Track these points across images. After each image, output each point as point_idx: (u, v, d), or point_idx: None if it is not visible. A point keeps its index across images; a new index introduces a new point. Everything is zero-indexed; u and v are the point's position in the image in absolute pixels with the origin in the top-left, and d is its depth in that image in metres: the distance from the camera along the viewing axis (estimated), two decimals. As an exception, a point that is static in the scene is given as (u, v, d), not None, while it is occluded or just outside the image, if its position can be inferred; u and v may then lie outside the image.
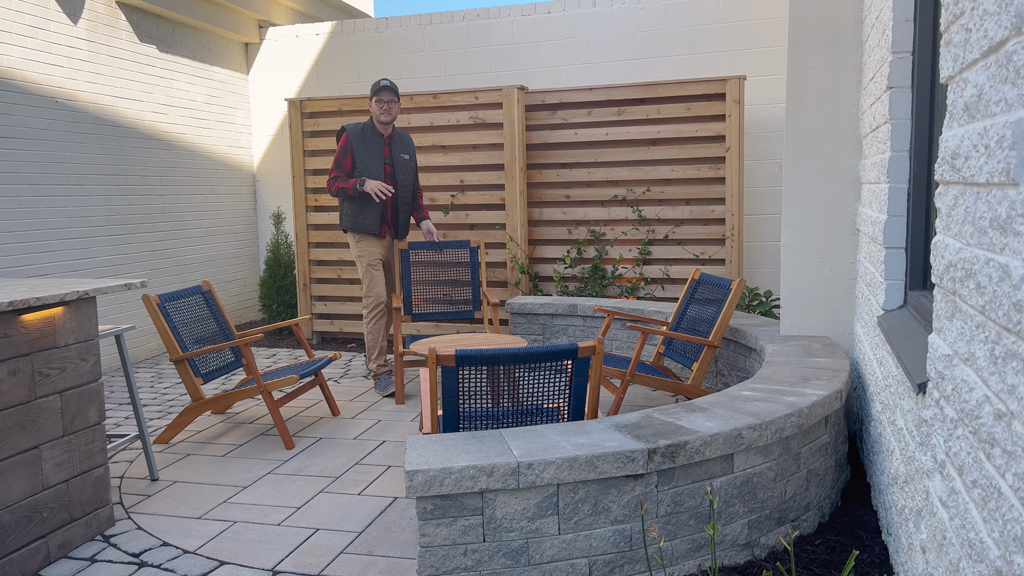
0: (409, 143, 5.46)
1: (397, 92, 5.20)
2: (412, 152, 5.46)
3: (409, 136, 5.52)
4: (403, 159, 5.37)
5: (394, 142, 5.34)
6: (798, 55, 3.99)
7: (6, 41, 5.24)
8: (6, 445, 2.76)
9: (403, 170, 5.37)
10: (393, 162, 5.32)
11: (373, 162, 5.24)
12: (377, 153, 5.26)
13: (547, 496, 2.39)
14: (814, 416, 2.85)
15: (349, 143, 5.23)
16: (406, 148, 5.42)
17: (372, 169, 5.23)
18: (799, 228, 4.10)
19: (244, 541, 3.07)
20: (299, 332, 4.81)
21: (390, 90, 5.15)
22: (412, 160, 5.44)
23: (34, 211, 5.46)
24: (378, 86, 5.15)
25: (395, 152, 5.33)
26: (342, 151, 5.24)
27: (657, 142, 6.22)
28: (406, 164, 5.39)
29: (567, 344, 2.68)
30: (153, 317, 4.19)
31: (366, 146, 5.25)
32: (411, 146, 5.47)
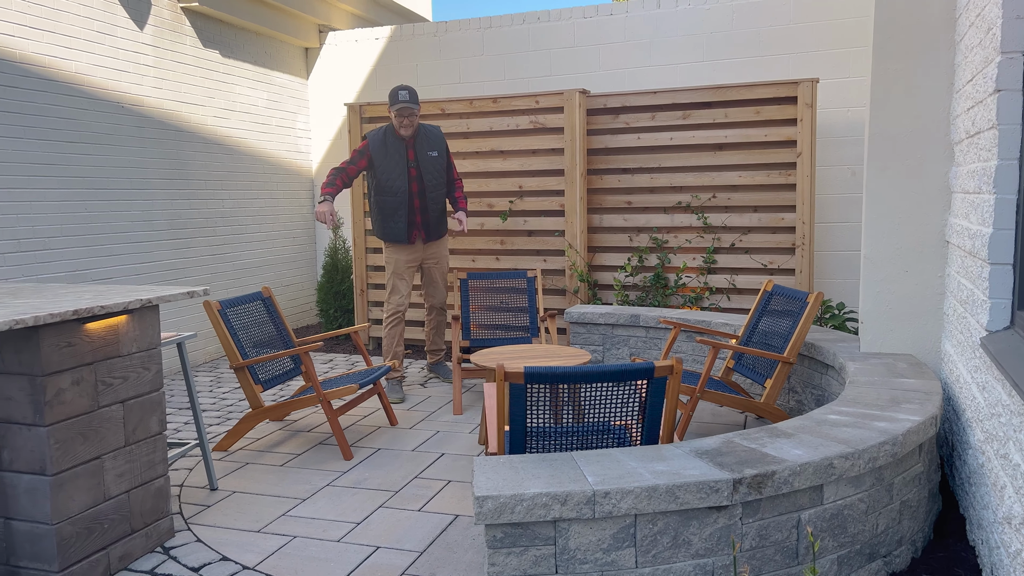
0: (436, 138, 5.30)
1: (416, 100, 5.07)
2: (441, 147, 5.29)
3: (437, 130, 5.35)
4: (430, 156, 5.23)
5: (419, 142, 5.21)
6: (883, 57, 3.77)
7: (74, 47, 5.30)
8: (69, 456, 2.72)
9: (431, 169, 5.24)
10: (419, 163, 5.20)
11: (396, 167, 5.16)
12: (400, 157, 5.15)
13: (624, 527, 2.24)
14: (909, 444, 2.65)
15: (368, 148, 5.18)
16: (433, 144, 5.26)
17: (395, 175, 5.16)
18: (882, 239, 3.87)
19: (304, 558, 2.99)
20: (358, 340, 4.74)
21: (408, 105, 5.00)
22: (442, 156, 5.28)
23: (99, 215, 5.52)
24: (396, 98, 5.01)
25: (420, 152, 5.20)
26: (359, 152, 5.20)
27: (724, 147, 6.01)
28: (434, 161, 5.25)
29: (643, 363, 2.53)
30: (214, 323, 4.16)
31: (387, 152, 5.15)
32: (439, 141, 5.30)
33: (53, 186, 5.16)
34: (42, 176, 5.08)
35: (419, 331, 6.85)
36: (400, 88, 5.03)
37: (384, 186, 5.20)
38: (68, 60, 5.25)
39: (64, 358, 2.70)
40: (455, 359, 5.00)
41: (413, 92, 5.08)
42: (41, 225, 5.07)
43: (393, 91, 5.04)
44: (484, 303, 5.48)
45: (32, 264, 5.00)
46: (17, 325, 2.44)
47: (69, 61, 5.26)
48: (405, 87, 5.05)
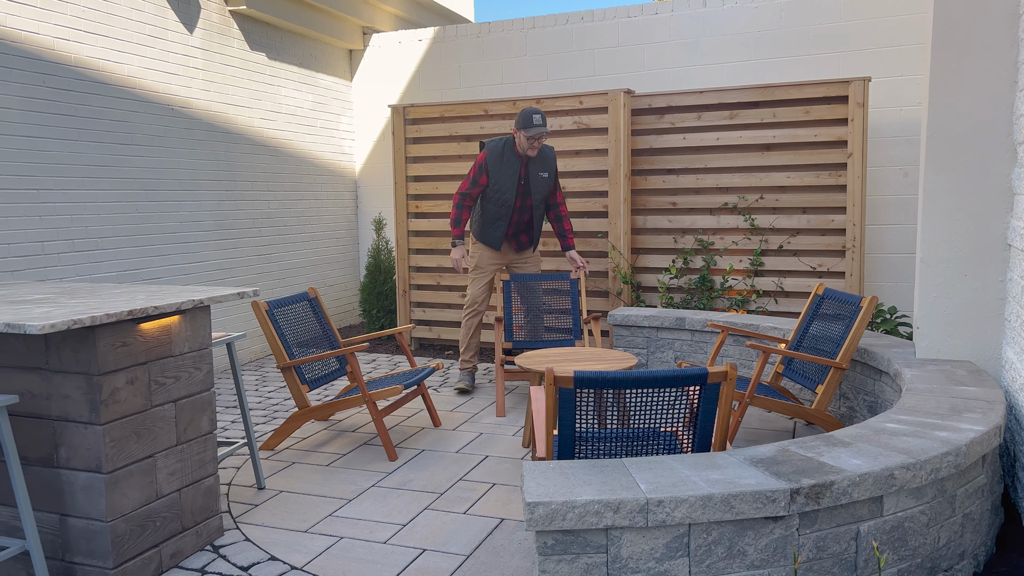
0: (549, 159, 5.37)
1: (546, 123, 5.12)
2: (551, 168, 5.37)
3: (551, 151, 5.40)
4: (540, 177, 5.33)
5: (532, 161, 5.30)
6: (942, 54, 3.66)
7: (127, 51, 5.40)
8: (123, 454, 2.76)
9: (539, 189, 5.34)
10: (528, 181, 5.31)
11: (507, 182, 5.26)
12: (513, 173, 5.25)
13: (677, 536, 2.20)
14: (972, 455, 2.56)
15: (486, 163, 5.24)
16: (545, 165, 5.34)
17: (506, 189, 5.26)
18: (940, 242, 3.76)
19: (350, 559, 3.00)
20: (402, 340, 4.75)
21: (542, 130, 5.07)
22: (550, 177, 5.37)
23: (149, 216, 5.61)
24: (531, 123, 5.06)
25: (532, 172, 5.30)
26: (479, 169, 5.26)
27: (772, 147, 5.91)
28: (543, 183, 5.35)
29: (696, 369, 2.48)
30: (262, 324, 4.20)
31: (503, 166, 5.24)
32: (551, 162, 5.38)
33: (105, 187, 5.26)
34: (95, 178, 5.18)
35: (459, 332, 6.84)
36: (534, 112, 5.07)
37: (492, 196, 5.31)
38: (121, 64, 5.35)
39: (119, 358, 2.73)
40: (497, 361, 4.99)
41: (544, 116, 5.13)
42: (94, 226, 5.17)
43: (526, 113, 5.07)
44: (527, 305, 5.46)
45: (85, 264, 5.11)
46: (75, 325, 2.47)
47: (122, 64, 5.36)
48: (539, 111, 5.08)
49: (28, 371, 2.74)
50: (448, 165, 6.71)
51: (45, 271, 4.85)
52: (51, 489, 2.77)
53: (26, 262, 4.73)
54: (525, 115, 5.08)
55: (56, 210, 4.92)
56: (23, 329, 2.39)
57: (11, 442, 2.52)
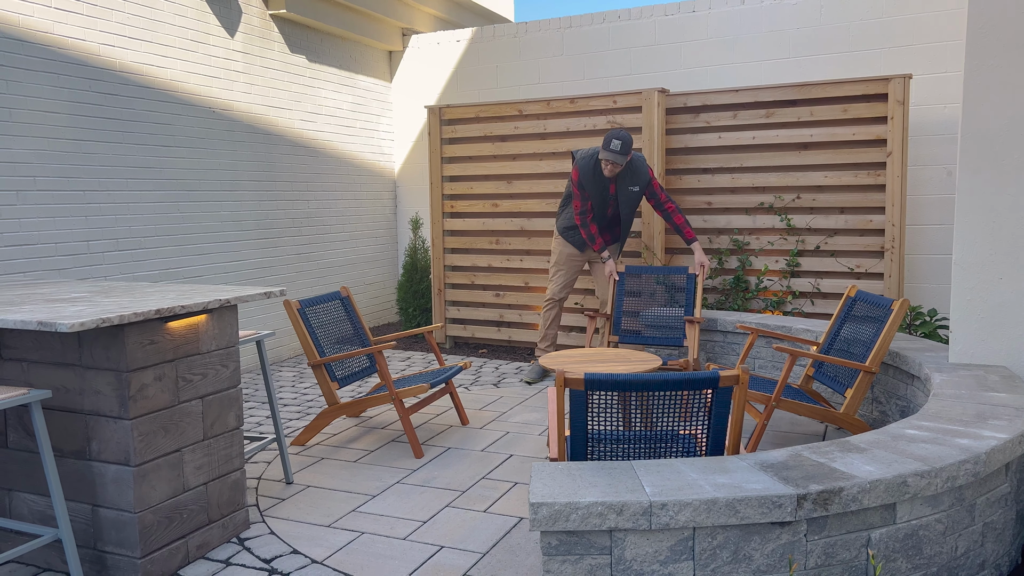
0: (639, 172, 5.44)
1: (626, 152, 5.17)
2: (642, 181, 5.44)
3: (642, 161, 5.45)
4: (630, 192, 5.43)
5: (622, 175, 5.40)
6: (977, 51, 3.57)
7: (169, 56, 5.56)
8: (151, 448, 2.86)
9: (628, 202, 5.47)
10: (618, 198, 5.45)
11: (598, 197, 5.43)
12: (603, 188, 5.41)
13: (682, 539, 2.20)
14: (993, 463, 2.50)
15: (581, 182, 5.39)
16: (635, 179, 5.43)
17: (597, 203, 5.44)
18: (974, 244, 3.67)
19: (370, 554, 3.06)
20: (431, 339, 4.81)
21: (615, 154, 5.16)
22: (640, 189, 5.44)
23: (191, 216, 5.78)
24: (608, 146, 5.17)
25: (622, 188, 5.42)
26: (579, 186, 5.41)
27: (809, 146, 5.82)
28: (633, 196, 5.46)
29: (707, 372, 2.48)
30: (293, 322, 4.30)
31: (595, 181, 5.40)
32: (642, 175, 5.44)
33: (148, 188, 5.43)
34: (139, 179, 5.36)
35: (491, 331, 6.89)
36: (615, 136, 5.17)
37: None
38: (164, 68, 5.52)
39: (147, 355, 2.84)
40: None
41: (627, 143, 5.17)
42: (137, 225, 5.35)
43: (609, 136, 5.19)
44: (639, 299, 5.44)
45: (128, 263, 5.28)
46: (104, 323, 2.58)
47: (165, 69, 5.53)
48: (620, 135, 5.17)
49: (63, 367, 2.86)
50: (483, 165, 6.76)
51: (90, 269, 5.03)
52: (84, 481, 2.89)
53: (72, 260, 4.91)
54: (607, 137, 5.21)
55: (101, 210, 5.09)
56: (55, 327, 2.49)
57: (45, 435, 2.64)
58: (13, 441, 2.99)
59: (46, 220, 4.75)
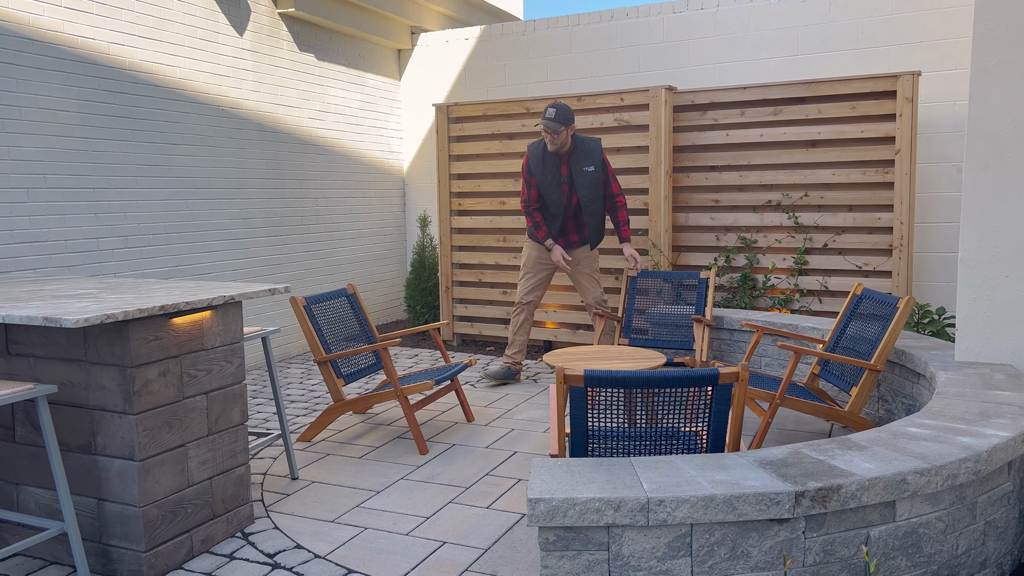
0: (592, 152, 5.29)
1: (561, 119, 5.07)
2: (597, 161, 5.28)
3: (595, 143, 5.32)
4: (585, 172, 5.26)
5: (573, 156, 5.26)
6: (984, 48, 3.55)
7: (179, 54, 5.60)
8: (156, 442, 2.89)
9: (585, 184, 5.28)
10: (572, 179, 5.29)
11: (551, 183, 5.29)
12: (555, 173, 5.28)
13: (679, 536, 2.21)
14: (995, 461, 2.49)
15: (530, 164, 5.30)
16: (589, 158, 5.27)
17: (550, 191, 5.29)
18: (981, 242, 3.65)
19: (372, 550, 3.08)
20: (436, 337, 4.83)
21: (549, 122, 5.08)
22: (596, 169, 5.28)
23: (200, 213, 5.82)
24: (544, 115, 5.12)
25: (575, 167, 5.26)
26: (527, 171, 5.34)
27: (817, 144, 5.80)
28: (589, 176, 5.27)
29: (707, 369, 2.48)
30: (300, 319, 4.32)
31: (544, 167, 5.27)
32: (595, 154, 5.28)
33: (158, 186, 5.47)
34: (148, 177, 5.40)
35: (498, 329, 6.90)
36: (551, 105, 5.12)
37: (542, 197, 5.38)
38: (173, 67, 5.56)
39: (152, 351, 2.86)
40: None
41: (561, 111, 5.07)
42: (146, 223, 5.39)
43: (546, 108, 5.15)
44: (650, 302, 5.43)
45: (137, 260, 5.32)
46: (108, 319, 2.60)
47: (174, 68, 5.57)
48: (556, 104, 5.09)
49: (69, 362, 2.90)
50: (490, 163, 6.77)
51: (100, 267, 5.07)
52: (89, 475, 2.92)
53: (82, 258, 4.95)
54: (545, 109, 5.14)
55: (111, 208, 5.14)
56: (60, 323, 2.52)
57: (51, 429, 2.67)
58: (20, 435, 3.03)
59: (56, 217, 4.80)
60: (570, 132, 5.19)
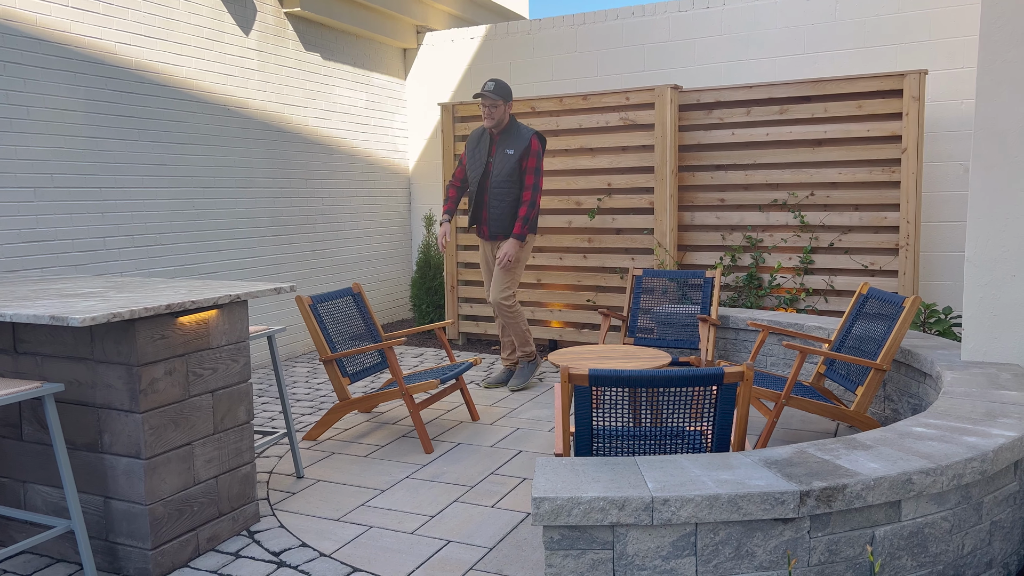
0: (520, 138, 5.17)
1: (502, 94, 5.09)
2: (520, 147, 5.14)
3: (528, 131, 5.20)
4: (505, 154, 5.19)
5: (502, 139, 5.24)
6: (991, 46, 3.54)
7: (185, 54, 5.62)
8: (161, 441, 2.90)
9: (500, 166, 5.19)
10: (495, 158, 5.26)
11: (478, 160, 5.33)
12: (484, 151, 5.30)
13: (684, 535, 2.21)
14: (1001, 461, 2.48)
15: (468, 143, 5.40)
16: (513, 143, 5.18)
17: (475, 167, 5.33)
18: (988, 241, 3.64)
19: (377, 548, 3.09)
20: (441, 336, 4.83)
21: (483, 95, 5.10)
22: (516, 154, 5.14)
23: (205, 212, 5.83)
24: (483, 88, 5.16)
25: (500, 148, 5.25)
26: (467, 146, 5.41)
27: (823, 143, 5.78)
28: (506, 159, 5.16)
29: (712, 369, 2.48)
30: (305, 318, 4.33)
31: (478, 145, 5.33)
32: (520, 140, 5.16)
33: (164, 185, 5.49)
34: (154, 176, 5.41)
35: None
36: (489, 80, 5.21)
37: (467, 175, 5.44)
38: (179, 66, 5.57)
39: (158, 349, 2.87)
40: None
41: (500, 85, 5.11)
42: (152, 222, 5.41)
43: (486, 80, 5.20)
44: (655, 301, 5.42)
45: (144, 259, 5.34)
46: (115, 318, 2.61)
47: (180, 67, 5.58)
48: (495, 79, 5.15)
49: (76, 361, 2.91)
50: (496, 162, 6.77)
51: (106, 265, 5.09)
52: (96, 473, 2.93)
53: (89, 257, 4.97)
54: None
55: (117, 207, 5.16)
56: (66, 321, 2.54)
57: (58, 428, 2.68)
58: (28, 434, 3.04)
59: (63, 217, 4.82)
60: (508, 109, 5.17)
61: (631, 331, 5.42)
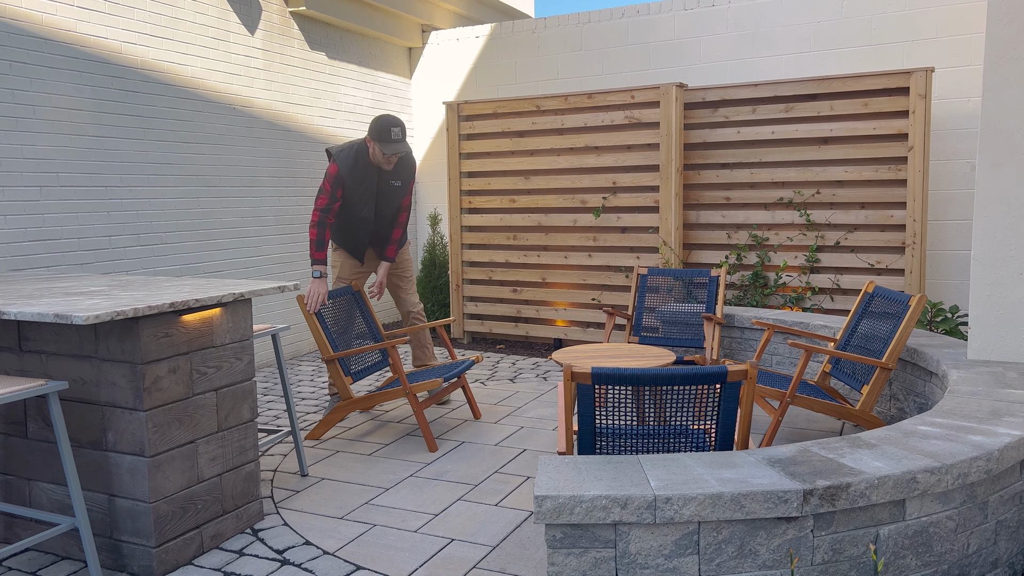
0: (407, 167, 4.87)
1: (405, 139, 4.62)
2: (406, 176, 4.85)
3: (408, 156, 4.89)
4: (392, 186, 4.80)
5: (390, 171, 4.80)
6: (997, 43, 3.51)
7: (190, 53, 5.63)
8: (165, 439, 2.90)
9: (387, 198, 4.82)
10: (380, 191, 4.80)
11: (364, 194, 4.73)
12: (370, 184, 4.73)
13: (686, 534, 2.20)
14: (1006, 460, 2.47)
15: (340, 175, 4.63)
16: (398, 173, 4.82)
17: (361, 203, 4.74)
18: (994, 239, 3.62)
19: (381, 546, 3.09)
20: (443, 334, 4.83)
21: (401, 149, 4.57)
22: (403, 186, 4.86)
23: (211, 211, 5.84)
24: (388, 137, 4.53)
25: (384, 180, 4.78)
26: (334, 182, 4.62)
27: (829, 141, 5.76)
28: (394, 191, 4.83)
29: (715, 367, 2.47)
30: (307, 317, 4.34)
31: (357, 178, 4.69)
32: (408, 170, 4.87)
33: (170, 184, 5.50)
34: (160, 175, 5.43)
35: (507, 326, 6.90)
36: (393, 124, 4.54)
37: (347, 209, 4.78)
38: (185, 65, 5.58)
39: (161, 347, 2.88)
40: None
41: (404, 127, 4.62)
42: (158, 221, 5.42)
43: (384, 125, 4.52)
44: (660, 300, 5.41)
45: (149, 257, 5.36)
46: (118, 316, 2.62)
47: (186, 66, 5.59)
48: (399, 123, 4.57)
49: (81, 359, 2.92)
50: (500, 161, 6.77)
51: (112, 264, 5.10)
52: (100, 471, 2.94)
53: (95, 255, 4.99)
54: (383, 126, 4.51)
55: (123, 206, 5.17)
56: (70, 320, 2.54)
57: (62, 425, 2.69)
58: (33, 432, 3.05)
59: (69, 215, 4.83)
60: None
61: (636, 330, 5.41)
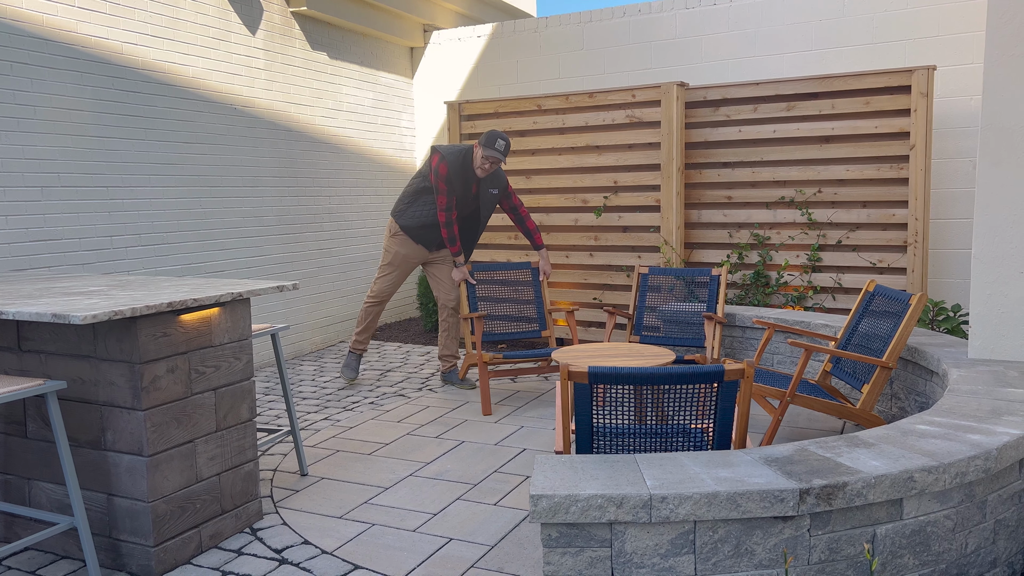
0: (499, 175, 5.46)
1: (508, 151, 5.21)
2: (501, 185, 5.46)
3: (502, 171, 5.50)
4: (490, 194, 5.43)
5: (486, 178, 5.39)
6: (998, 41, 3.50)
7: (192, 53, 5.64)
8: (164, 438, 2.91)
9: (487, 205, 5.46)
10: (480, 199, 5.41)
11: (462, 197, 5.33)
12: (467, 189, 5.32)
13: (682, 533, 2.20)
14: (1005, 459, 2.46)
15: (450, 174, 5.21)
16: (495, 182, 5.43)
17: (459, 203, 5.33)
18: (995, 238, 3.60)
19: (379, 546, 3.09)
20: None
21: (499, 158, 5.15)
22: (500, 193, 5.47)
23: (212, 211, 5.85)
24: (493, 145, 5.12)
25: (483, 190, 5.40)
26: (446, 181, 5.20)
27: (831, 139, 5.75)
28: (492, 199, 5.45)
29: (712, 366, 2.46)
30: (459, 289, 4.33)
31: (462, 179, 5.26)
32: (501, 178, 5.47)
33: (171, 184, 5.51)
34: (161, 175, 5.44)
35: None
36: (501, 136, 5.15)
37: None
38: (186, 66, 5.59)
39: (160, 347, 2.88)
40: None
41: (509, 144, 5.20)
42: (160, 221, 5.43)
43: (493, 136, 5.13)
44: (661, 299, 5.39)
45: (151, 257, 5.37)
46: (116, 316, 2.63)
47: (187, 67, 5.60)
48: (504, 137, 5.16)
49: (79, 359, 2.92)
50: (502, 160, 6.76)
51: (113, 264, 5.12)
52: (99, 470, 2.94)
53: (96, 255, 5.00)
54: (493, 136, 5.15)
55: (124, 206, 5.18)
56: (68, 319, 2.55)
57: (61, 425, 2.69)
58: (32, 431, 3.06)
59: (70, 216, 4.85)
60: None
61: (637, 329, 5.41)
